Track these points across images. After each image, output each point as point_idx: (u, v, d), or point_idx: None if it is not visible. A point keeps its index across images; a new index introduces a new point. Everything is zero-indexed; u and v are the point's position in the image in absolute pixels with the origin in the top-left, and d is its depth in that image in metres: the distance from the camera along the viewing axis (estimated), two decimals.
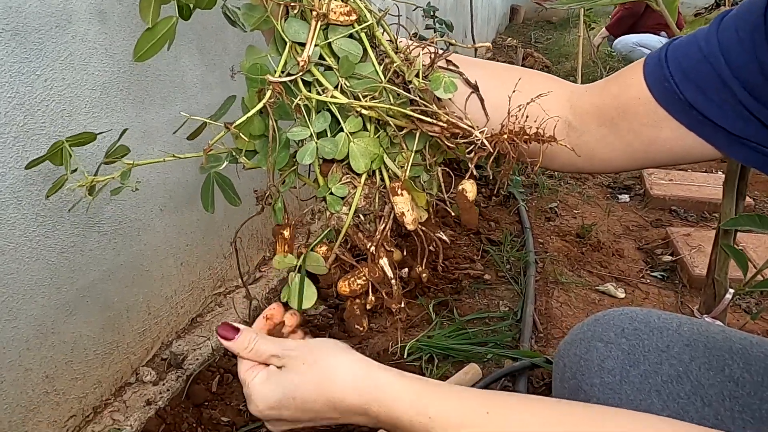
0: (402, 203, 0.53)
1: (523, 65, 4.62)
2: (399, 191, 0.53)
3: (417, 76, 0.53)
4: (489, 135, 0.51)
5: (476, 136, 0.50)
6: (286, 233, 0.60)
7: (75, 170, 0.59)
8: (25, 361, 0.99)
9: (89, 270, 1.11)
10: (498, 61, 5.32)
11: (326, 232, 0.59)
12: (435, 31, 2.45)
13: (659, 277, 1.90)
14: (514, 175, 2.43)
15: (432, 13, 2.40)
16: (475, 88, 0.55)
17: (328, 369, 0.50)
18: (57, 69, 0.98)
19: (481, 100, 0.55)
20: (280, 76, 0.53)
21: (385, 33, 0.56)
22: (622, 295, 1.79)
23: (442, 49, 0.56)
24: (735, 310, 1.72)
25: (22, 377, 0.99)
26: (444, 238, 0.59)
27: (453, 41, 0.57)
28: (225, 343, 0.54)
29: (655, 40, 4.90)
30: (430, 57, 0.54)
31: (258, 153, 0.58)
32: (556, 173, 2.59)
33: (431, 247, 0.58)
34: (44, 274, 1.01)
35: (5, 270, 0.94)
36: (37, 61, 0.95)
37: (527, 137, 0.51)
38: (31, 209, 0.97)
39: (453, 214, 0.58)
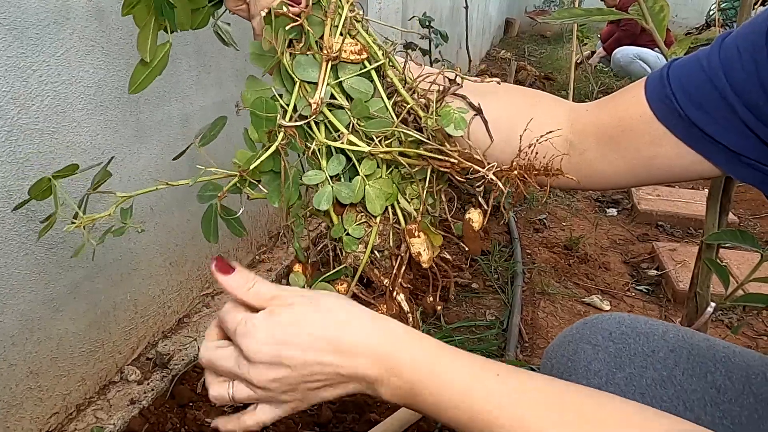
0: (418, 244, 0.54)
1: (516, 77, 4.66)
2: (416, 233, 0.54)
3: (429, 113, 0.54)
4: (499, 170, 0.52)
5: (486, 172, 0.51)
6: (297, 269, 0.60)
7: (62, 204, 0.58)
8: (9, 356, 0.98)
9: (77, 267, 1.10)
10: (491, 72, 5.36)
11: (340, 268, 0.59)
12: (430, 41, 2.47)
13: (644, 290, 1.92)
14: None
15: (428, 23, 2.43)
16: (479, 111, 0.56)
17: (346, 311, 0.46)
18: (53, 65, 0.98)
19: (485, 122, 0.56)
20: (291, 118, 0.52)
21: (393, 67, 0.56)
22: (608, 308, 1.80)
23: (449, 79, 0.57)
24: (717, 325, 1.74)
25: (6, 372, 0.98)
26: (447, 257, 0.60)
27: (461, 73, 0.57)
28: (221, 278, 0.47)
29: (653, 55, 4.98)
30: (439, 88, 0.55)
31: (262, 183, 0.57)
32: None
33: (442, 276, 0.59)
34: (32, 270, 1.00)
35: None
36: (34, 56, 0.95)
37: (536, 172, 0.53)
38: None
39: (459, 242, 0.59)
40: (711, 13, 6.89)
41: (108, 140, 1.13)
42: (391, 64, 0.56)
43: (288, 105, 0.53)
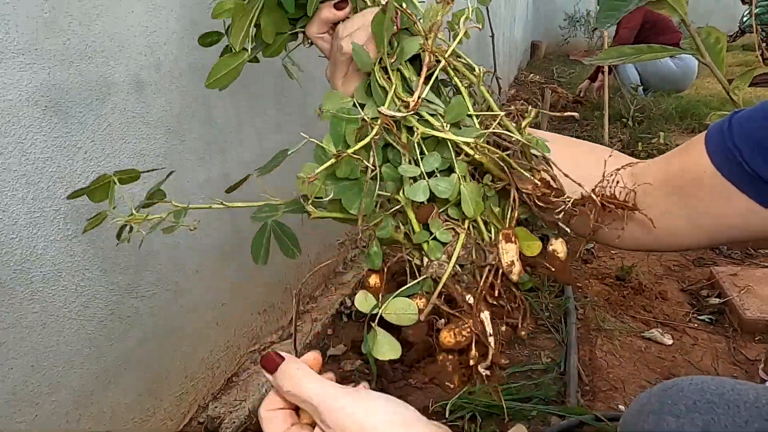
0: (513, 251, 0.51)
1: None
2: (512, 238, 0.52)
3: (519, 131, 0.54)
4: (580, 197, 0.52)
5: (565, 199, 0.51)
6: (373, 281, 0.57)
7: (115, 207, 0.59)
8: None
9: (127, 337, 1.10)
10: (521, 97, 5.31)
11: (421, 278, 0.55)
12: None
13: (707, 320, 1.82)
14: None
15: None
16: (546, 159, 0.55)
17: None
18: (97, 140, 1.00)
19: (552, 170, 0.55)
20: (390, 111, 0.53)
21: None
22: (670, 342, 1.71)
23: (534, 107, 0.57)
24: None
25: None
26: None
27: (541, 108, 0.57)
28: (269, 377, 0.47)
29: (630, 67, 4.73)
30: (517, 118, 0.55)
31: (329, 198, 0.55)
32: None
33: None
34: (84, 344, 1.00)
35: (46, 343, 0.93)
36: (78, 134, 0.96)
37: (617, 202, 0.51)
38: (71, 280, 0.97)
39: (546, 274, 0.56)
40: (744, 19, 6.72)
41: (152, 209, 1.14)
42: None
43: (372, 114, 0.53)
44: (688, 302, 1.94)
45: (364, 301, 0.54)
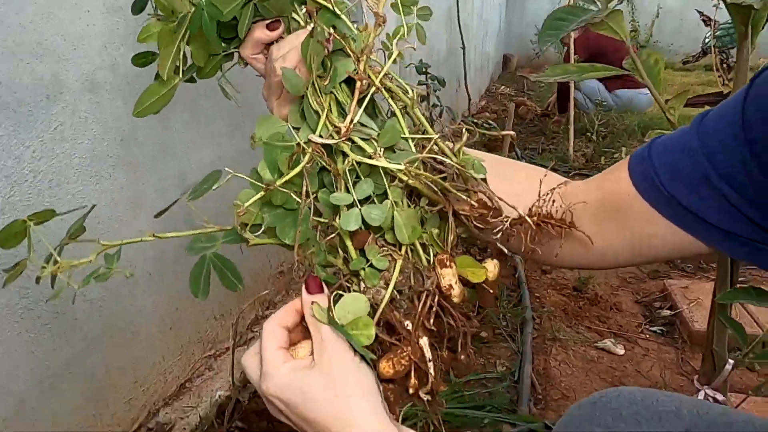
0: (450, 275, 0.52)
1: (516, 113, 4.68)
2: (448, 263, 0.52)
3: (455, 154, 0.54)
4: (517, 217, 0.52)
5: (503, 219, 0.51)
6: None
7: (34, 251, 0.54)
8: None
9: (73, 340, 1.08)
10: (491, 108, 5.37)
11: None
12: (427, 87, 2.48)
13: (658, 332, 1.87)
14: None
15: (424, 70, 2.45)
16: (483, 180, 0.56)
17: (349, 408, 0.47)
18: (46, 140, 0.98)
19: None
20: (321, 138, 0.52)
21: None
22: (622, 352, 1.75)
23: (467, 129, 0.57)
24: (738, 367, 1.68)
25: None
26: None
27: (476, 129, 0.58)
28: (305, 294, 0.52)
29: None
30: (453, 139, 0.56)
31: (265, 225, 0.54)
32: None
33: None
34: (25, 349, 0.98)
35: None
36: (26, 133, 0.95)
37: (554, 221, 0.53)
38: (15, 282, 0.95)
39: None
40: (707, 40, 6.94)
41: (105, 210, 1.12)
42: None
43: (305, 139, 0.53)
44: (641, 313, 1.99)
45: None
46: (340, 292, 0.54)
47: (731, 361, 0.88)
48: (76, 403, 1.09)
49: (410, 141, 0.55)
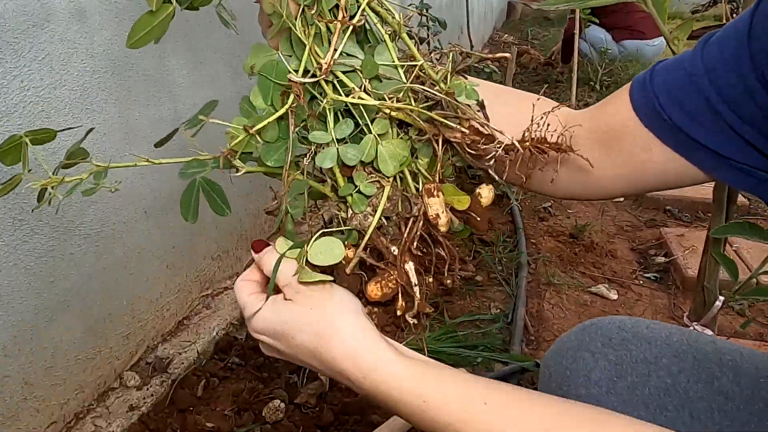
0: (437, 205, 0.52)
1: (518, 62, 4.59)
2: (435, 192, 0.52)
3: (443, 80, 0.52)
4: (510, 143, 0.51)
5: (496, 145, 0.50)
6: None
7: (30, 171, 0.54)
8: (2, 368, 0.97)
9: (70, 274, 1.08)
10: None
11: (345, 228, 0.55)
12: (428, 29, 2.42)
13: (652, 278, 1.89)
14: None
15: (425, 11, 2.38)
16: (481, 106, 0.54)
17: (332, 326, 0.48)
18: (34, 69, 0.96)
19: (487, 118, 0.54)
20: (303, 77, 0.51)
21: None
22: (615, 297, 1.77)
23: (461, 54, 0.55)
24: (727, 312, 1.70)
25: (0, 385, 0.97)
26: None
27: (468, 51, 0.55)
28: (254, 255, 0.54)
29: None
30: (448, 65, 0.54)
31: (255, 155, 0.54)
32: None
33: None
34: (22, 280, 0.99)
35: None
36: (13, 62, 0.92)
37: (548, 145, 0.51)
38: (8, 213, 0.95)
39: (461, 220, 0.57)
40: None
41: (97, 145, 1.11)
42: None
43: (297, 68, 0.52)
44: (636, 260, 2.01)
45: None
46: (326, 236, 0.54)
47: (721, 298, 0.89)
48: (75, 335, 1.11)
49: (399, 69, 0.53)
